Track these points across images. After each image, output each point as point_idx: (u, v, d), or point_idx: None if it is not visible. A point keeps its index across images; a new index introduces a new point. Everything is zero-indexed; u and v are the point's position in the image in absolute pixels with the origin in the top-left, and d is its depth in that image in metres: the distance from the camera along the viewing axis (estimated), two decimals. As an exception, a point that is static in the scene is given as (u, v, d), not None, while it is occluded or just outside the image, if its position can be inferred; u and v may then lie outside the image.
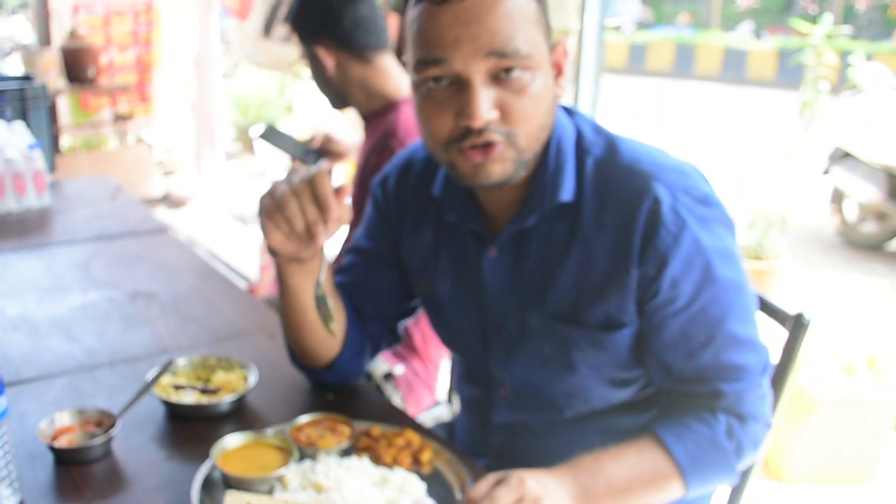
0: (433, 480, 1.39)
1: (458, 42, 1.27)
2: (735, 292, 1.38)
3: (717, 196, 1.41)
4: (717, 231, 1.37)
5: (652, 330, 1.41)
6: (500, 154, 1.32)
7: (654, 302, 1.37)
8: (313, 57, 2.40)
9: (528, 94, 1.30)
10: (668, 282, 1.35)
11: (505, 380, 1.58)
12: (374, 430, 1.48)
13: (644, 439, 1.42)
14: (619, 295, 1.39)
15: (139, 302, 2.20)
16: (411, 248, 1.64)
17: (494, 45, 1.26)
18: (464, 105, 1.28)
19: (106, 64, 7.32)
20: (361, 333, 1.68)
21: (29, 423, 1.54)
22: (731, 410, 1.42)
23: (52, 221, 2.98)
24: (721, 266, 1.36)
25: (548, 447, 1.52)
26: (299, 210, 1.34)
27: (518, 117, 1.30)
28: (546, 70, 1.33)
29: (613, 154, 1.41)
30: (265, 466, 1.36)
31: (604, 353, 1.44)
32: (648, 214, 1.34)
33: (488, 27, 1.26)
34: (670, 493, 1.41)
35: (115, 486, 1.39)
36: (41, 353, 1.88)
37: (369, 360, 1.73)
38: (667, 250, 1.33)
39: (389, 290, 1.70)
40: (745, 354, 1.41)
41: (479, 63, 1.27)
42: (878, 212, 6.31)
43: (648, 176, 1.36)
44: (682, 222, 1.33)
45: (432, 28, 1.28)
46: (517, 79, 1.29)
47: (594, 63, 4.01)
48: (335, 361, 1.65)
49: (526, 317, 1.49)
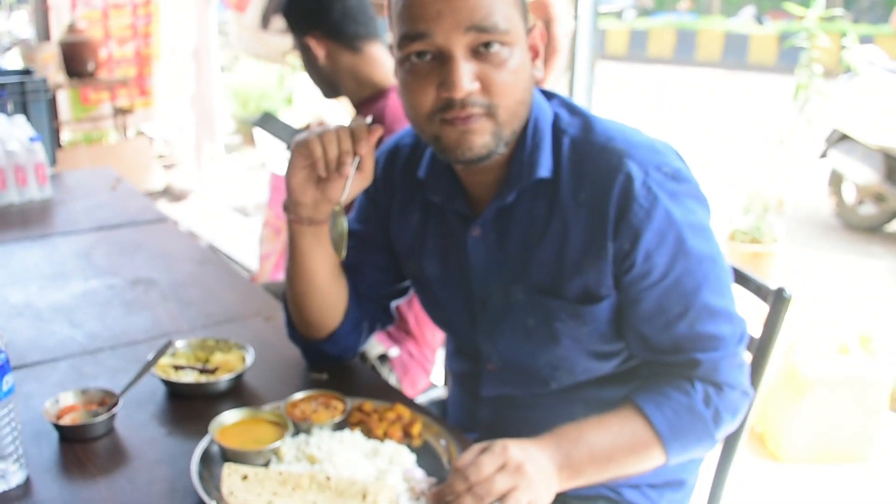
0: (423, 452, 1.45)
1: (439, 16, 1.32)
2: (708, 264, 1.43)
3: (690, 172, 1.46)
4: (689, 205, 1.42)
5: (629, 303, 1.46)
6: (480, 125, 1.37)
7: (629, 275, 1.43)
8: (304, 47, 2.44)
9: (507, 69, 1.35)
10: (641, 255, 1.40)
11: (492, 354, 1.63)
12: (367, 405, 1.54)
13: (624, 408, 1.47)
14: (596, 268, 1.44)
15: (139, 288, 2.25)
16: (400, 230, 1.70)
17: (474, 20, 1.31)
18: (445, 77, 1.34)
19: (105, 58, 7.35)
20: (359, 309, 1.75)
21: (34, 403, 1.60)
22: (708, 379, 1.47)
23: (54, 212, 3.03)
24: (693, 239, 1.41)
25: (535, 419, 1.56)
26: (336, 138, 1.46)
27: (497, 90, 1.35)
28: (523, 48, 1.38)
29: (588, 133, 1.46)
30: (261, 440, 1.42)
31: (584, 325, 1.50)
32: (621, 190, 1.39)
33: (468, 3, 1.31)
34: (651, 460, 1.46)
35: (117, 461, 1.44)
36: (45, 338, 1.94)
37: (365, 337, 1.79)
38: (639, 224, 1.38)
39: (382, 271, 1.76)
40: (721, 325, 1.46)
41: (459, 37, 1.32)
42: (875, 193, 6.32)
43: (621, 153, 1.41)
44: (654, 197, 1.38)
45: (415, 4, 1.34)
46: (496, 53, 1.34)
47: (589, 50, 4.04)
48: (335, 332, 1.71)
49: (509, 291, 1.54)
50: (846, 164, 6.27)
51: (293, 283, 1.66)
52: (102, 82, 6.99)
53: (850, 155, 6.23)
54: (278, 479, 1.29)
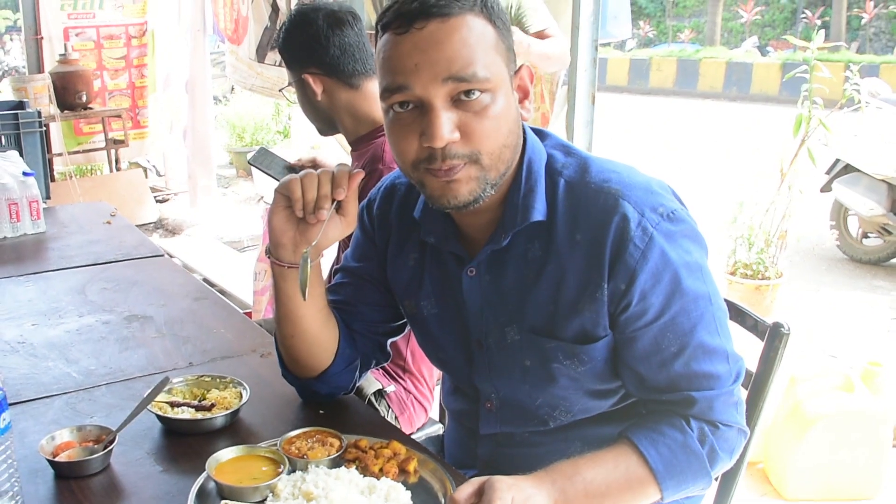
0: (419, 489, 1.45)
1: (417, 69, 1.34)
2: (704, 303, 1.45)
3: (686, 212, 1.48)
4: (685, 245, 1.44)
5: (625, 342, 1.48)
6: (465, 174, 1.39)
7: (625, 315, 1.44)
8: (301, 83, 2.46)
9: (489, 116, 1.37)
10: (637, 295, 1.41)
11: (490, 393, 1.64)
12: (363, 441, 1.54)
13: (619, 445, 1.48)
14: (592, 309, 1.45)
15: (135, 324, 2.26)
16: (396, 268, 1.71)
17: (452, 71, 1.33)
18: (426, 127, 1.36)
19: (98, 89, 7.38)
20: (353, 349, 1.75)
21: (29, 440, 1.60)
22: (704, 417, 1.48)
23: (48, 247, 3.04)
24: (689, 279, 1.43)
25: (533, 456, 1.56)
26: (316, 182, 1.48)
27: (479, 137, 1.37)
28: (507, 93, 1.40)
29: (584, 174, 1.48)
30: (257, 477, 1.42)
31: (581, 365, 1.51)
32: (617, 231, 1.41)
33: (445, 54, 1.33)
34: (646, 497, 1.46)
35: (113, 498, 1.44)
36: (40, 375, 1.94)
37: (361, 374, 1.80)
38: (635, 265, 1.40)
39: (378, 309, 1.77)
40: (716, 363, 1.47)
41: (438, 88, 1.34)
42: (880, 226, 6.31)
43: (617, 194, 1.43)
44: (650, 238, 1.40)
45: (395, 56, 1.36)
46: (477, 100, 1.36)
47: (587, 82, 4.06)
48: (326, 372, 1.71)
49: (505, 332, 1.56)
50: (850, 196, 6.24)
51: (280, 325, 1.67)
52: (95, 114, 7.01)
53: (853, 187, 6.21)
54: (275, 517, 1.29)
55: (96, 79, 7.33)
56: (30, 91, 6.46)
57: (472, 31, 1.35)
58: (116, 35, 7.63)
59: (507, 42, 1.41)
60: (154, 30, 7.77)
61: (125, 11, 7.61)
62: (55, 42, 7.28)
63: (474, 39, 1.35)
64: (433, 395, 2.56)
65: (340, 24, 2.39)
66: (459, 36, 1.34)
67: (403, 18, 1.35)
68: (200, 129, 7.29)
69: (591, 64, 4.07)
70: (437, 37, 1.34)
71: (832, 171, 6.44)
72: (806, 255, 6.44)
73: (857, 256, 6.65)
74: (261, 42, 6.35)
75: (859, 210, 6.21)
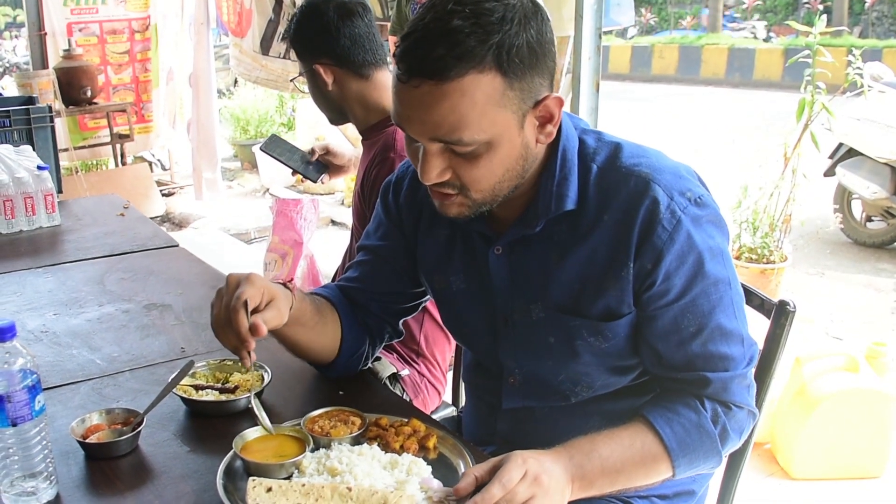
0: (438, 464, 1.50)
1: (410, 121, 1.39)
2: (724, 287, 1.50)
3: (711, 198, 1.52)
4: (709, 230, 1.49)
5: (646, 319, 1.52)
6: (456, 201, 1.46)
7: (648, 293, 1.49)
8: (312, 74, 2.50)
9: (480, 165, 1.40)
10: (662, 275, 1.46)
11: (514, 368, 1.69)
12: (383, 420, 1.59)
13: (635, 423, 1.52)
14: (617, 287, 1.50)
15: (154, 312, 2.30)
16: (428, 246, 1.76)
17: (437, 134, 1.37)
18: (420, 162, 1.42)
19: (103, 83, 7.41)
20: (360, 336, 1.82)
21: (59, 424, 1.64)
22: (717, 398, 1.53)
23: (64, 239, 3.09)
24: (711, 262, 1.47)
25: (552, 431, 1.60)
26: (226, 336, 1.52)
27: (468, 180, 1.42)
28: (511, 137, 1.40)
29: (615, 159, 1.52)
30: (283, 455, 1.47)
31: (605, 342, 1.55)
32: (646, 214, 1.45)
33: (432, 118, 1.35)
34: (659, 473, 1.51)
35: (143, 477, 1.49)
36: (64, 362, 1.99)
37: (371, 354, 1.87)
38: (662, 246, 1.44)
39: (394, 288, 1.83)
40: (732, 346, 1.52)
41: (426, 140, 1.39)
42: (884, 209, 6.34)
43: (648, 178, 1.47)
44: (678, 221, 1.44)
45: (397, 99, 1.40)
46: (469, 152, 1.39)
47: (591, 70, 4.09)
48: (333, 363, 1.80)
49: (531, 309, 1.60)
50: (853, 179, 6.26)
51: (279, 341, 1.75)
52: (100, 108, 7.03)
53: (857, 171, 6.23)
54: (301, 491, 1.33)
55: (100, 74, 7.35)
56: (35, 87, 6.47)
57: (465, 96, 1.32)
58: (120, 30, 7.65)
59: (524, 83, 1.37)
60: (157, 24, 7.80)
61: (128, 6, 7.63)
62: (59, 37, 7.30)
63: (467, 105, 1.33)
64: (446, 378, 2.61)
65: (351, 15, 2.43)
66: (450, 103, 1.33)
67: (405, 67, 1.35)
68: (205, 123, 7.29)
69: (595, 52, 4.09)
70: (428, 101, 1.34)
71: (836, 156, 6.45)
72: (810, 238, 6.45)
73: (861, 240, 6.67)
74: (265, 34, 6.38)
75: (863, 193, 6.22)
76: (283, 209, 4.30)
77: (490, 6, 1.33)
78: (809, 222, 6.14)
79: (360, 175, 2.53)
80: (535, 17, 1.37)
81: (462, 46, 1.30)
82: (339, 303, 1.81)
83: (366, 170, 2.47)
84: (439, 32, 1.32)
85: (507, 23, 1.32)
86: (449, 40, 1.31)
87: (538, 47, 1.37)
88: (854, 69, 5.04)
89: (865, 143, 6.11)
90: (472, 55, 1.31)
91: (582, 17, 4.00)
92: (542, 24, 1.38)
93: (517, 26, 1.33)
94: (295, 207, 4.30)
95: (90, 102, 6.90)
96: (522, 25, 1.34)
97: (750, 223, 5.22)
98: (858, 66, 5.03)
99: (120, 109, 7.25)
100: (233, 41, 6.87)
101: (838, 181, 6.48)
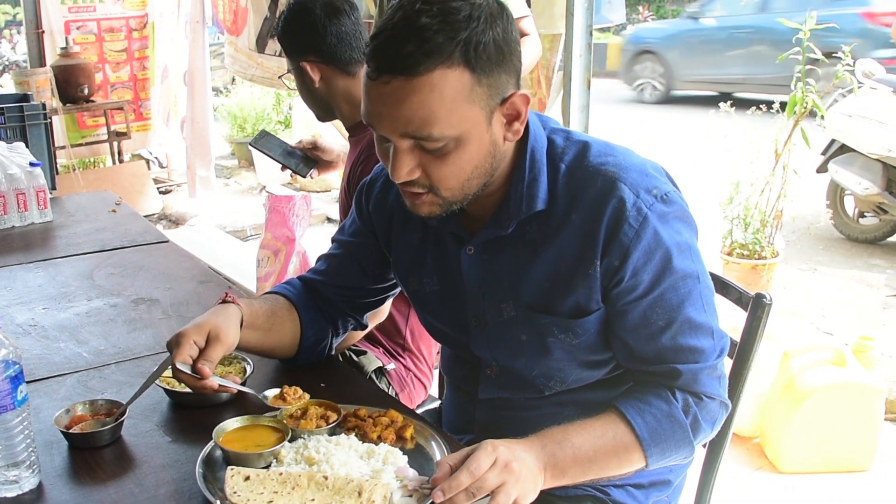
0: (415, 454, 1.53)
1: (380, 118, 1.41)
2: (692, 281, 1.52)
3: (678, 194, 1.55)
4: (676, 226, 1.51)
5: (616, 315, 1.55)
6: (426, 199, 1.49)
7: (617, 289, 1.51)
8: (300, 71, 2.52)
9: (449, 162, 1.43)
10: (630, 271, 1.48)
11: (490, 361, 1.72)
12: (361, 410, 1.62)
13: (607, 413, 1.55)
14: (586, 285, 1.53)
15: (142, 307, 2.33)
16: (400, 248, 1.79)
17: (408, 130, 1.39)
18: (390, 160, 1.44)
19: (101, 81, 7.43)
20: (323, 327, 1.91)
21: (44, 415, 1.67)
22: (688, 389, 1.56)
23: (55, 235, 3.11)
24: (679, 258, 1.50)
25: (529, 420, 1.63)
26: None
27: (438, 178, 1.45)
28: (480, 134, 1.43)
29: (583, 158, 1.54)
30: (262, 445, 1.50)
31: (575, 338, 1.58)
32: (613, 212, 1.47)
33: (403, 113, 1.37)
34: (631, 463, 1.54)
35: (125, 466, 1.52)
36: (52, 355, 2.02)
37: (333, 343, 1.95)
38: (629, 243, 1.47)
39: (361, 283, 1.90)
40: (702, 338, 1.54)
41: (397, 137, 1.41)
42: (876, 205, 6.34)
43: (613, 177, 1.50)
44: (644, 218, 1.47)
45: (367, 97, 1.42)
46: (438, 148, 1.41)
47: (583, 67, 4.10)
48: (296, 356, 1.90)
49: (502, 308, 1.63)
50: (845, 176, 6.26)
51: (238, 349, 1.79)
52: (97, 106, 7.05)
53: (849, 167, 6.23)
54: (279, 480, 1.36)
55: (98, 72, 7.38)
56: (32, 85, 6.49)
57: (434, 91, 1.35)
58: (117, 28, 7.68)
59: (491, 79, 1.40)
60: (154, 22, 7.82)
61: (125, 4, 7.66)
62: (56, 35, 7.32)
63: (436, 99, 1.36)
64: (433, 372, 2.63)
65: (337, 13, 2.45)
66: (419, 98, 1.35)
67: (375, 64, 1.38)
68: (199, 121, 7.28)
69: (586, 49, 4.11)
70: (398, 96, 1.36)
71: (828, 152, 6.47)
72: (802, 234, 6.47)
73: (853, 235, 6.68)
74: (260, 32, 6.39)
75: (855, 189, 6.23)
76: (275, 206, 4.32)
77: (457, 5, 1.36)
78: (802, 218, 6.16)
79: (347, 171, 2.55)
80: (501, 16, 1.40)
81: (431, 42, 1.33)
82: (299, 299, 1.88)
83: (352, 166, 2.49)
84: (408, 30, 1.34)
85: (473, 20, 1.35)
86: (418, 37, 1.33)
87: (504, 45, 1.40)
88: (844, 66, 5.05)
89: (857, 140, 6.12)
90: (440, 51, 1.33)
91: (573, 14, 4.01)
92: (507, 23, 1.41)
93: (483, 24, 1.36)
94: (287, 204, 4.32)
95: (87, 100, 6.93)
96: (489, 23, 1.37)
97: (741, 219, 5.23)
98: (848, 62, 5.05)
99: (117, 107, 7.26)
100: (228, 39, 6.89)
101: (830, 177, 6.50)
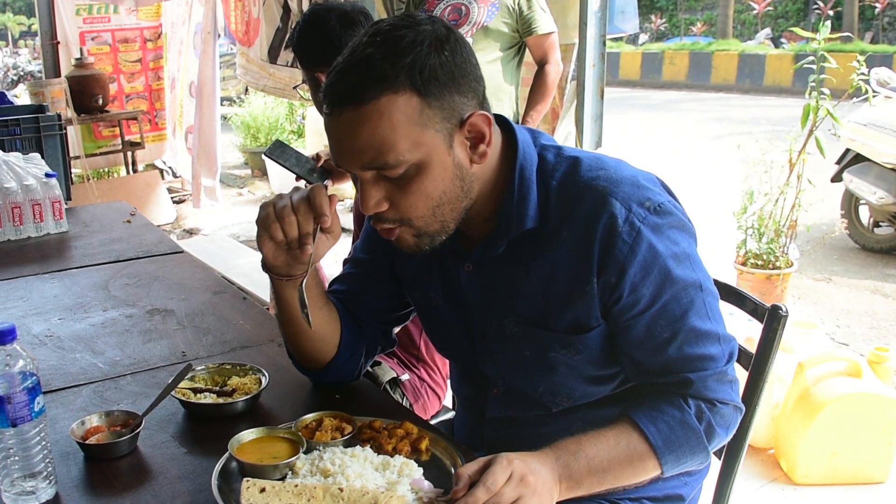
0: (430, 466, 1.52)
1: (341, 153, 1.42)
2: (694, 290, 1.51)
3: (673, 203, 1.53)
4: (673, 236, 1.50)
5: (619, 331, 1.55)
6: (401, 233, 1.49)
7: (617, 306, 1.51)
8: (315, 82, 2.53)
9: (412, 189, 1.42)
10: (628, 288, 1.48)
11: (497, 379, 1.72)
12: (377, 422, 1.61)
13: (620, 422, 1.54)
14: (583, 302, 1.52)
15: (157, 317, 2.34)
16: (406, 261, 1.78)
17: (364, 161, 1.40)
18: (360, 193, 1.45)
19: (115, 92, 7.47)
20: (357, 338, 1.83)
21: (60, 426, 1.68)
22: (700, 396, 1.55)
23: (71, 246, 3.13)
24: (677, 268, 1.49)
25: (538, 438, 1.61)
26: (294, 221, 1.51)
27: (405, 207, 1.45)
28: (441, 156, 1.42)
29: (574, 174, 1.53)
30: (277, 456, 1.50)
31: (577, 354, 1.58)
32: (605, 228, 1.47)
33: (357, 144, 1.38)
34: (646, 472, 1.53)
35: (141, 478, 1.52)
36: (67, 366, 2.02)
37: (366, 362, 1.88)
38: (624, 259, 1.46)
39: (383, 299, 1.86)
40: (708, 346, 1.53)
41: (359, 169, 1.42)
42: (891, 214, 6.33)
43: (605, 192, 1.48)
44: (637, 232, 1.46)
45: (328, 136, 1.44)
46: (400, 176, 1.41)
47: (596, 77, 4.12)
48: (331, 363, 1.80)
49: (503, 324, 1.63)
50: (860, 185, 6.26)
51: (283, 327, 1.76)
52: (112, 116, 7.08)
53: (864, 176, 6.22)
54: (294, 491, 1.36)
55: (113, 82, 7.43)
56: (47, 95, 6.54)
57: (384, 117, 1.35)
58: (132, 38, 7.73)
59: (443, 101, 1.39)
60: (167, 33, 7.86)
61: (140, 15, 7.71)
62: (71, 46, 7.38)
63: (386, 126, 1.36)
64: (446, 383, 2.63)
65: (352, 25, 2.47)
66: (370, 126, 1.36)
67: (328, 100, 1.40)
68: (206, 131, 7.26)
69: (600, 59, 4.12)
70: (349, 127, 1.38)
71: (842, 161, 6.46)
72: (817, 244, 6.44)
73: (868, 245, 6.66)
74: (273, 43, 6.42)
75: (870, 199, 6.22)
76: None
77: (401, 34, 1.37)
78: (816, 228, 6.14)
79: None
80: (448, 40, 1.40)
81: (376, 70, 1.35)
82: (336, 303, 1.82)
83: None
84: (355, 62, 1.37)
85: (417, 45, 1.36)
86: (363, 66, 1.36)
87: (454, 67, 1.39)
88: (859, 75, 5.04)
89: (872, 149, 6.11)
90: (384, 77, 1.35)
91: (586, 24, 4.03)
92: (455, 45, 1.41)
93: (428, 48, 1.37)
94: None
95: (102, 110, 6.97)
96: (434, 47, 1.38)
97: (755, 229, 5.23)
98: (863, 71, 5.04)
99: (131, 117, 7.31)
100: (240, 50, 6.92)
101: (845, 187, 6.48)
